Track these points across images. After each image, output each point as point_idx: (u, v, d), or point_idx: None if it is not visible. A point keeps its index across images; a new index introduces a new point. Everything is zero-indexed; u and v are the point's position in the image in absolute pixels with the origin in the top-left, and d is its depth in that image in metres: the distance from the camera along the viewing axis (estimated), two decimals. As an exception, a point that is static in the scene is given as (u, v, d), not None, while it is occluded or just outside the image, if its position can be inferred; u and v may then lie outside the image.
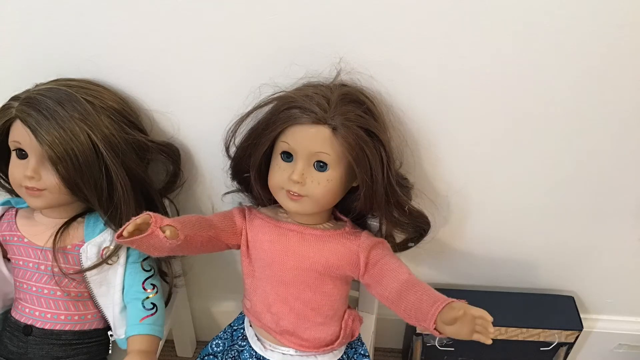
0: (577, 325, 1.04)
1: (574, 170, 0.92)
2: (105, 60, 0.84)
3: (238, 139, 0.85)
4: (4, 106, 0.81)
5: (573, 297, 1.08)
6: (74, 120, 0.77)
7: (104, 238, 0.85)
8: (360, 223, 0.89)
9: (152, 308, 0.87)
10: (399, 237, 0.92)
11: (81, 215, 0.87)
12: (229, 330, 0.95)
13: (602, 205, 0.96)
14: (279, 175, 0.80)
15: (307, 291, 0.84)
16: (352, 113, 0.76)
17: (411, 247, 0.93)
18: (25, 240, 0.86)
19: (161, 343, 0.89)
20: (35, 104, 0.77)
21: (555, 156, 0.90)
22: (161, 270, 0.94)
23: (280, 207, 0.85)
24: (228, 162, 0.88)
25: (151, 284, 0.88)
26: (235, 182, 0.90)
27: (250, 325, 0.91)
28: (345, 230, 0.85)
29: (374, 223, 0.89)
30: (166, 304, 0.95)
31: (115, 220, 0.84)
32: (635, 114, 0.84)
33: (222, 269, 1.12)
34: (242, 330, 0.92)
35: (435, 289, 1.08)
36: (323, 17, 0.78)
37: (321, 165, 0.78)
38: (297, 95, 0.78)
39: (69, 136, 0.77)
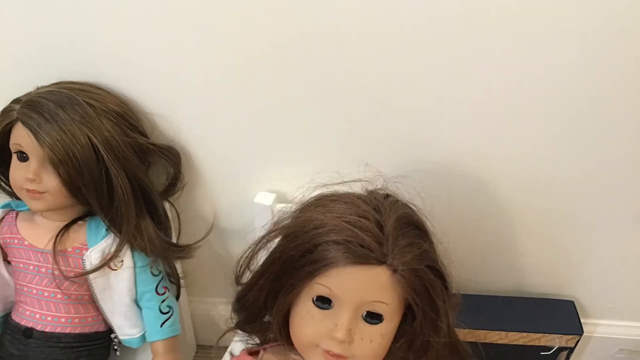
0: (577, 329, 1.03)
1: (574, 174, 0.91)
2: (107, 63, 0.85)
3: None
4: (5, 109, 0.81)
5: (573, 302, 1.07)
6: (74, 122, 0.78)
7: (107, 243, 0.85)
8: None
9: (169, 311, 0.89)
10: None
11: (82, 218, 0.87)
12: None
13: (603, 209, 0.96)
14: (313, 329, 0.60)
15: None
16: (416, 247, 0.58)
17: None
18: (26, 242, 0.86)
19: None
20: (36, 106, 0.78)
21: (556, 160, 0.90)
22: (165, 271, 0.94)
23: (290, 348, 0.67)
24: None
25: (163, 287, 0.89)
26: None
27: None
28: None
29: None
30: (177, 297, 0.96)
31: (115, 224, 0.84)
32: (637, 116, 0.85)
33: (222, 272, 1.12)
34: None
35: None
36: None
37: (372, 317, 0.59)
38: (337, 222, 0.57)
39: (70, 139, 0.77)
